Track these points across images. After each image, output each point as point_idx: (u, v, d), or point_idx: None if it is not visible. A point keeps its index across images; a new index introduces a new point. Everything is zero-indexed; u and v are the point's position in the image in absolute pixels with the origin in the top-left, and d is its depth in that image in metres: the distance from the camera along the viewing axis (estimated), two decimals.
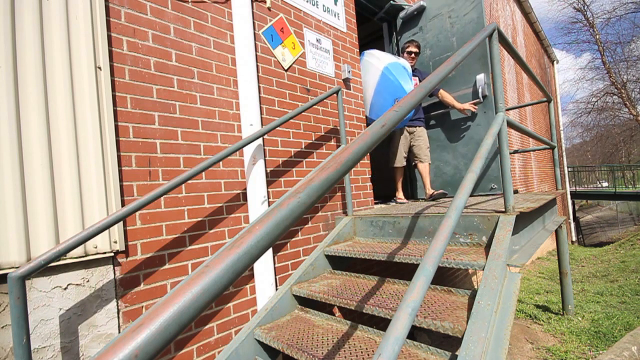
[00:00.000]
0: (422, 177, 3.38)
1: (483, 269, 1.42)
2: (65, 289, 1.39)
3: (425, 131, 3.40)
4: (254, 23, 2.23)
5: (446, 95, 3.27)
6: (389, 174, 4.86)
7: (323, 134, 2.66)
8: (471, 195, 3.15)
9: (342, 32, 2.97)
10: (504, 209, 1.77)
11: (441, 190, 3.18)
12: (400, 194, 3.46)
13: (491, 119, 3.08)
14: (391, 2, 3.54)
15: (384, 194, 4.80)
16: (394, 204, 3.36)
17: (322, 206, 2.56)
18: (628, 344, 2.39)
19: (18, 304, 1.15)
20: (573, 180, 15.78)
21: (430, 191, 3.28)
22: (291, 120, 2.38)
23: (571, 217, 11.87)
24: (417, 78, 3.25)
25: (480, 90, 3.09)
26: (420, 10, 3.59)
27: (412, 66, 3.33)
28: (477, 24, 3.13)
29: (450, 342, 2.89)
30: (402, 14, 3.73)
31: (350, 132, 2.89)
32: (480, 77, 3.09)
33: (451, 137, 3.46)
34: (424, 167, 3.35)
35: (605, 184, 19.10)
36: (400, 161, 3.39)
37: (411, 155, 3.46)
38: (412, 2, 3.96)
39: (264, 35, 2.31)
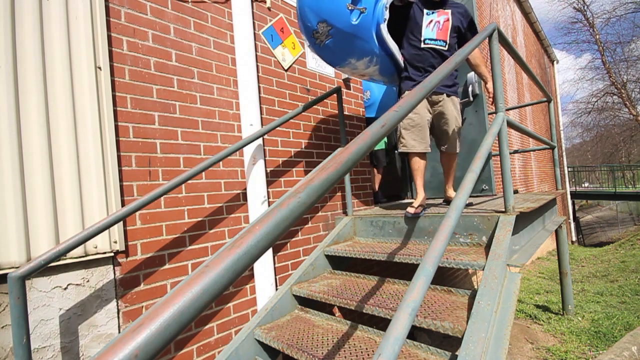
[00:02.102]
0: (444, 170, 2.36)
1: (483, 269, 1.42)
2: (65, 289, 1.39)
3: (458, 103, 2.20)
4: (254, 23, 2.23)
5: (478, 57, 2.16)
6: (389, 174, 4.83)
7: (323, 134, 2.66)
8: None
9: None
10: (504, 209, 1.77)
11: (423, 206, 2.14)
12: (418, 199, 2.12)
13: (482, 118, 3.01)
14: None
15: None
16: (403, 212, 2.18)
17: (322, 206, 2.55)
18: (628, 344, 2.39)
19: (18, 304, 1.15)
20: (573, 180, 15.77)
21: (451, 192, 2.35)
22: (291, 120, 2.38)
23: (571, 217, 11.87)
24: (448, 12, 2.05)
25: (470, 89, 3.02)
26: None
27: None
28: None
29: (450, 342, 2.89)
30: None
31: (350, 132, 2.89)
32: (471, 75, 3.02)
33: None
34: (448, 158, 2.27)
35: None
36: (416, 142, 2.10)
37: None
38: None
39: (264, 35, 2.31)
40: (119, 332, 1.52)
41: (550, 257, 7.60)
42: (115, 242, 1.52)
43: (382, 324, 2.63)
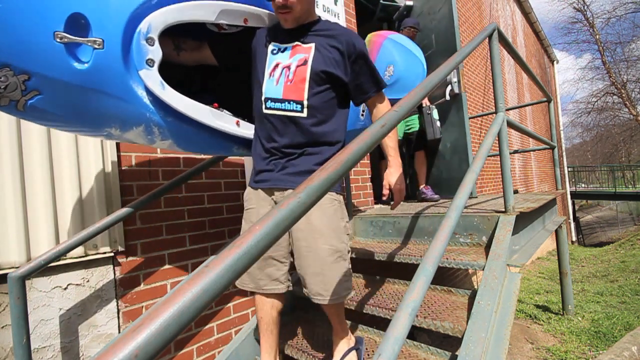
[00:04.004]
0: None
1: (483, 269, 1.42)
2: (65, 289, 1.39)
3: (339, 202, 1.23)
4: None
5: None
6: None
7: None
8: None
9: None
10: (504, 209, 1.77)
11: None
12: None
13: (463, 118, 2.86)
14: (381, 1, 3.54)
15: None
16: None
17: None
18: (628, 344, 2.39)
19: (18, 304, 1.15)
20: (573, 180, 15.78)
21: None
22: None
23: (571, 217, 11.87)
24: (310, 47, 1.15)
25: (448, 89, 2.85)
26: (409, 10, 3.59)
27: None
28: (449, 20, 2.99)
29: (450, 342, 2.89)
30: (395, 15, 3.73)
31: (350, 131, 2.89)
32: (450, 76, 2.81)
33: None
34: (329, 313, 1.30)
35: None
36: (245, 275, 1.26)
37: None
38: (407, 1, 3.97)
39: None
40: (119, 332, 1.52)
41: (550, 257, 7.60)
42: (115, 242, 1.51)
43: (382, 324, 2.62)
